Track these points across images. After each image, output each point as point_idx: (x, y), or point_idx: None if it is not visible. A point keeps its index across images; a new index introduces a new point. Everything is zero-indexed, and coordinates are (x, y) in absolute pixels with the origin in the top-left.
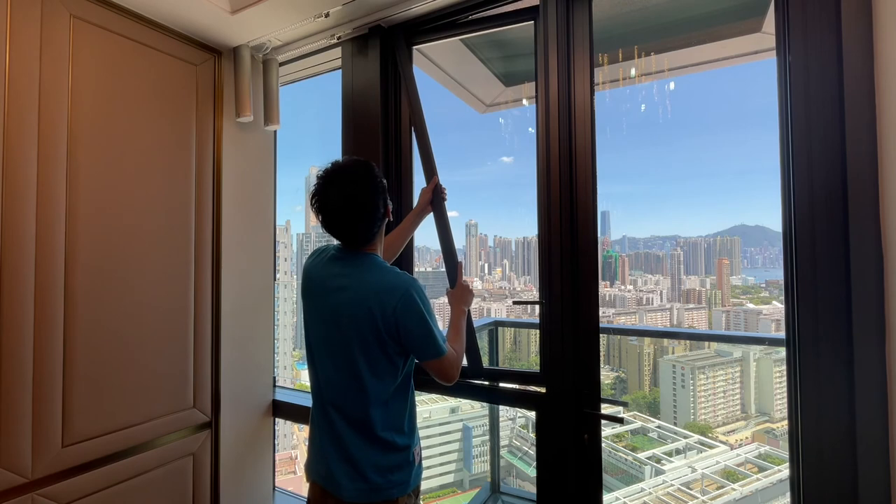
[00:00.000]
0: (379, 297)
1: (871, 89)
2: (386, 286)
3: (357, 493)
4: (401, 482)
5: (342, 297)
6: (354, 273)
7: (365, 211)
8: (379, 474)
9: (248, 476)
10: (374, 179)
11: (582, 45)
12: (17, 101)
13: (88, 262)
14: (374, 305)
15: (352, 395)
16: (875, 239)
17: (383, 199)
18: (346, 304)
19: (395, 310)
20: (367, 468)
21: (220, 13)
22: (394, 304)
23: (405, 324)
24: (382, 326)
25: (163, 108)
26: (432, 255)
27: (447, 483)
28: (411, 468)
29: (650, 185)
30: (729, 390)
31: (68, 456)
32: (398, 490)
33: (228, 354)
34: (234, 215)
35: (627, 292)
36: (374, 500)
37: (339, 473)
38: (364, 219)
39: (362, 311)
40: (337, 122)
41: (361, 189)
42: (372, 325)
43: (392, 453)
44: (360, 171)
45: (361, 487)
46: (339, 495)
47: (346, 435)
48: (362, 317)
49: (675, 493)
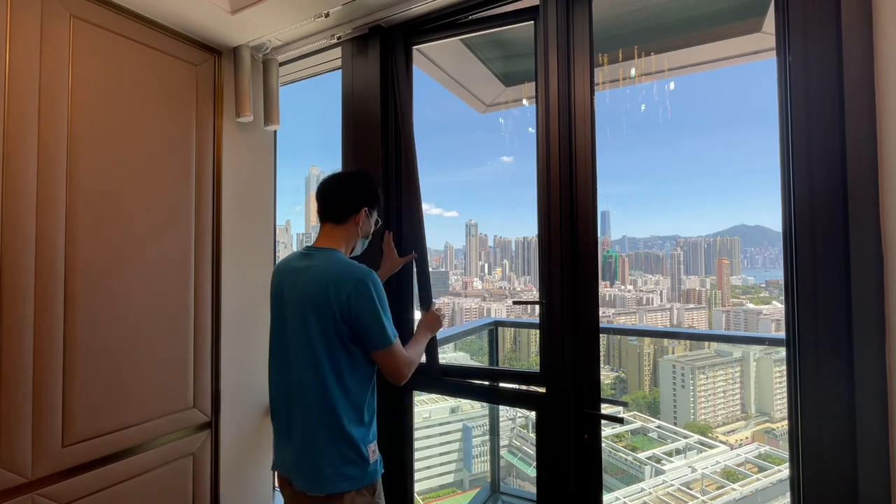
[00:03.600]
0: (336, 284)
1: (871, 89)
2: (342, 274)
3: (308, 485)
4: (352, 477)
5: (305, 289)
6: (316, 265)
7: (349, 191)
8: (330, 466)
9: (248, 476)
10: (364, 179)
11: (582, 45)
12: (17, 101)
13: (88, 262)
14: (331, 293)
15: (310, 385)
16: (875, 239)
17: (366, 196)
18: (308, 294)
19: (349, 295)
20: (318, 459)
21: (220, 13)
22: (349, 290)
23: (357, 309)
24: (338, 313)
25: (163, 108)
26: (432, 255)
27: (447, 483)
28: (366, 465)
29: (650, 185)
30: (729, 390)
31: (68, 456)
32: (349, 484)
33: (228, 354)
34: (234, 215)
35: (627, 292)
36: (323, 491)
37: (295, 463)
38: (340, 196)
39: (321, 299)
40: (337, 122)
41: (350, 177)
42: (330, 313)
43: (345, 446)
44: (356, 171)
45: (312, 478)
46: (295, 484)
47: (303, 424)
48: (321, 304)
49: (675, 493)
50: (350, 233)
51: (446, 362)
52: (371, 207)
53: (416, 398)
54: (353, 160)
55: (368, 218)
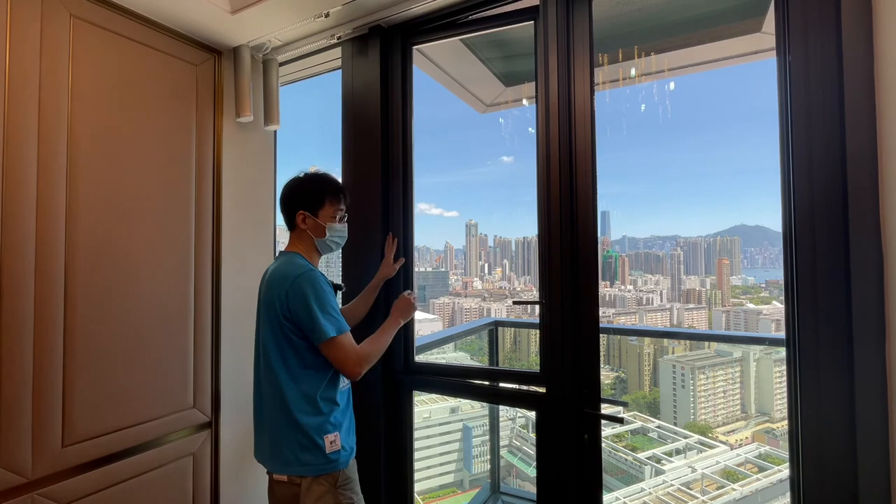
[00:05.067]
0: (279, 284)
1: (871, 89)
2: (282, 275)
3: (273, 465)
4: (308, 463)
5: (263, 290)
6: (273, 268)
7: (287, 199)
8: (289, 450)
9: (247, 476)
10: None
11: (582, 45)
12: (17, 101)
13: (88, 262)
14: (274, 293)
15: (267, 376)
16: (875, 239)
17: (298, 200)
18: (264, 295)
19: (286, 294)
20: (279, 443)
21: (220, 13)
22: (286, 289)
23: (294, 307)
24: (280, 311)
25: (163, 108)
26: (432, 255)
27: (447, 483)
28: (320, 453)
29: (650, 185)
30: (729, 390)
31: (68, 456)
32: (305, 469)
33: (228, 354)
34: (234, 215)
35: (627, 292)
36: (282, 472)
37: (265, 449)
38: (283, 205)
39: (269, 299)
40: (337, 122)
41: (289, 184)
42: (275, 311)
43: (300, 434)
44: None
45: (275, 458)
46: (267, 467)
47: (268, 414)
48: (270, 304)
49: (675, 493)
50: (302, 236)
51: (446, 362)
52: (309, 209)
53: (416, 398)
54: (353, 160)
55: (309, 219)
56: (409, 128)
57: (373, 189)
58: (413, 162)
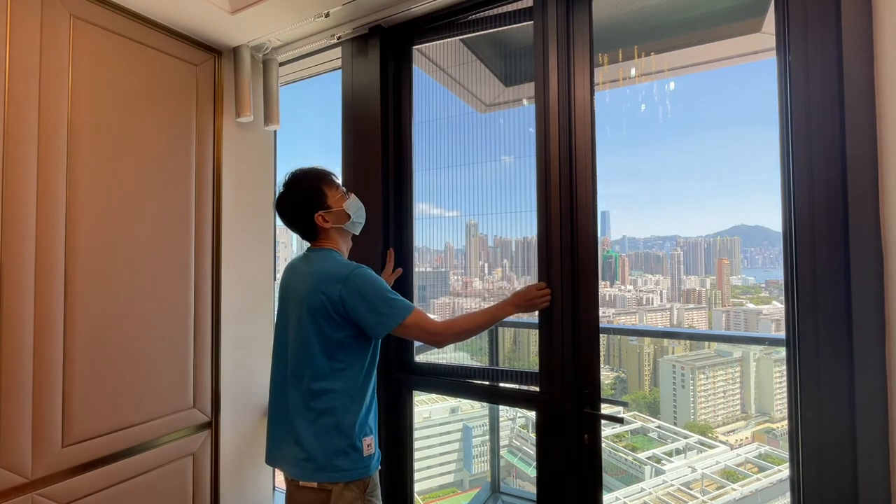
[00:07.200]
0: (326, 282)
1: (871, 89)
2: (331, 275)
3: (298, 472)
4: (342, 469)
5: (302, 289)
6: (312, 267)
7: (293, 214)
8: (323, 455)
9: (248, 476)
10: (297, 189)
11: (582, 45)
12: (17, 101)
13: (88, 262)
14: (324, 293)
15: (309, 373)
16: (875, 238)
17: (310, 204)
18: (305, 294)
19: (340, 295)
20: (309, 448)
21: (220, 13)
22: (339, 290)
23: (352, 306)
24: (333, 311)
25: (163, 108)
26: (432, 255)
27: (447, 483)
28: (358, 456)
29: (650, 184)
30: (729, 390)
31: (68, 456)
32: (338, 476)
33: (228, 355)
34: (233, 215)
35: (627, 292)
36: (312, 480)
37: (288, 452)
38: (294, 221)
39: (316, 300)
40: (337, 122)
41: (290, 197)
42: (324, 311)
43: (337, 436)
44: (289, 182)
45: (303, 466)
46: (287, 472)
47: (296, 414)
48: (316, 304)
49: (675, 493)
50: (328, 234)
51: (446, 362)
52: (320, 206)
53: (416, 398)
54: (353, 160)
55: (328, 213)
56: (409, 128)
57: (373, 189)
58: (413, 162)
